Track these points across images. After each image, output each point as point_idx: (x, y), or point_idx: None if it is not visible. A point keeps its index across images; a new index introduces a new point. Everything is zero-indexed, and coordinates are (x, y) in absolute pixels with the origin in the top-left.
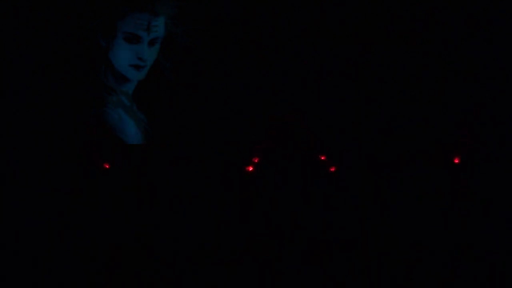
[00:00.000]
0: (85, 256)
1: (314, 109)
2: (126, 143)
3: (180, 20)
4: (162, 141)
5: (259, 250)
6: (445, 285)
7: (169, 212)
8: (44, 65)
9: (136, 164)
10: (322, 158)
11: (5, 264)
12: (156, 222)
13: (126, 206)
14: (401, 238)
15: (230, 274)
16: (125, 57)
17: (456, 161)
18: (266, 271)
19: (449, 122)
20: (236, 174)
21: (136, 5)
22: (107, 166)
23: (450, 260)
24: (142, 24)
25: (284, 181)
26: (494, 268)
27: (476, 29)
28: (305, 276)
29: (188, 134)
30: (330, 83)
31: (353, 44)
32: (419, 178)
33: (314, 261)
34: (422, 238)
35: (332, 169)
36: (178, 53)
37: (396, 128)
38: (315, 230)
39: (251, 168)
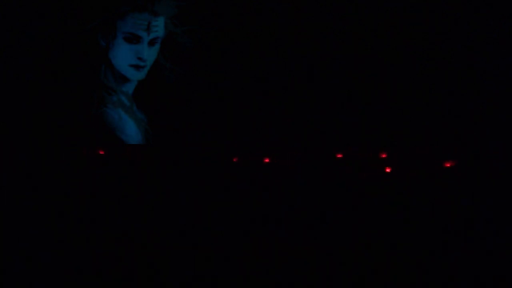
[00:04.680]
0: (84, 256)
1: (314, 109)
2: (126, 143)
3: (180, 20)
4: (162, 141)
5: (259, 250)
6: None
7: (170, 212)
8: (44, 65)
9: (136, 164)
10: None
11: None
12: (156, 222)
13: (126, 206)
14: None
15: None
16: (125, 57)
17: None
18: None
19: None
20: (236, 174)
21: (136, 5)
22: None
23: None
24: (142, 24)
25: (284, 182)
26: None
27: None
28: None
29: (188, 134)
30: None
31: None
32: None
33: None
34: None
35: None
36: (178, 53)
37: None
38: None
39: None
